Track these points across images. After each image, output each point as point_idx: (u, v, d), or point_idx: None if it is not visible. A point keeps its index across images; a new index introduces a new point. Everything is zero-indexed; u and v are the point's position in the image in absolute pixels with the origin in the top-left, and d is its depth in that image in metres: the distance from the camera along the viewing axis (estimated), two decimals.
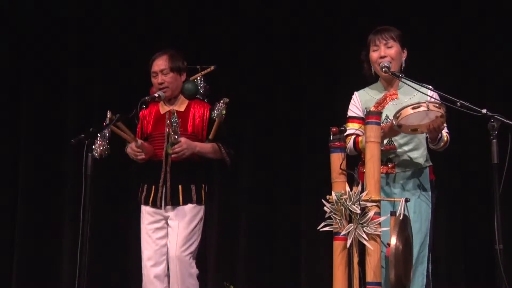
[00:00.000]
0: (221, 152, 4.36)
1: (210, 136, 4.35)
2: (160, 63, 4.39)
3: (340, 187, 3.54)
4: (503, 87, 5.50)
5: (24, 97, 6.08)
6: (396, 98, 3.87)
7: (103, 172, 5.08)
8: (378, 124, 3.57)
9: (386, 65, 3.79)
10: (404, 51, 3.91)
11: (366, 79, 3.96)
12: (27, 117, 6.04)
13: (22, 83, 6.09)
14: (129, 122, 4.33)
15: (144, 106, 4.27)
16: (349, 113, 3.95)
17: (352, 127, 3.86)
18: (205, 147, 4.34)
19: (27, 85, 6.07)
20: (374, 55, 3.87)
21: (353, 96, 3.97)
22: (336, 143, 3.59)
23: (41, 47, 6.06)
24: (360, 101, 3.92)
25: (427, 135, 3.75)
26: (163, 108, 4.46)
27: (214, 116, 4.32)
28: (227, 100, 4.32)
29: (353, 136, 3.82)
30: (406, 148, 3.85)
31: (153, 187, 4.34)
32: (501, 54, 5.53)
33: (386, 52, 3.83)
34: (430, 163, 3.90)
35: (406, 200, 3.52)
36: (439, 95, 3.75)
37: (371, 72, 3.91)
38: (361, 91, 3.97)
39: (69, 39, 6.09)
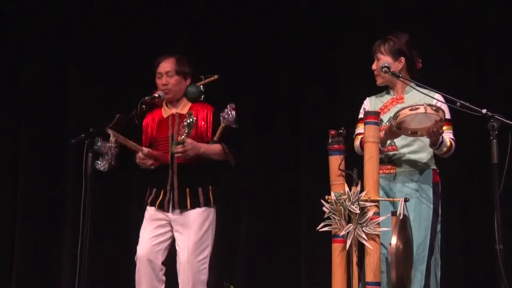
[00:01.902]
0: (226, 153, 4.36)
1: (215, 138, 4.35)
2: (166, 65, 4.40)
3: (339, 189, 3.54)
4: (503, 87, 5.50)
5: (24, 97, 6.07)
6: (402, 102, 3.91)
7: (103, 172, 5.08)
8: (377, 124, 3.59)
9: (386, 65, 3.85)
10: (401, 60, 3.94)
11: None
12: (27, 117, 6.04)
13: (22, 83, 6.09)
14: (130, 123, 4.33)
15: (144, 106, 4.27)
16: (360, 116, 4.05)
17: (361, 128, 3.92)
18: (210, 148, 4.33)
19: (27, 85, 6.07)
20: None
21: (364, 101, 4.09)
22: (335, 145, 3.60)
23: (41, 47, 6.06)
24: (369, 105, 4.03)
25: (428, 138, 3.77)
26: (166, 112, 4.46)
27: (222, 122, 4.30)
28: (233, 105, 4.31)
29: (360, 136, 3.89)
30: (407, 149, 3.88)
31: (162, 190, 4.34)
32: (501, 54, 5.52)
33: (376, 65, 4.00)
34: (434, 167, 3.93)
35: (406, 200, 3.54)
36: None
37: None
38: (372, 96, 4.09)
39: (69, 39, 6.09)
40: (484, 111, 3.51)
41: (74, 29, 6.10)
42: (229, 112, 4.28)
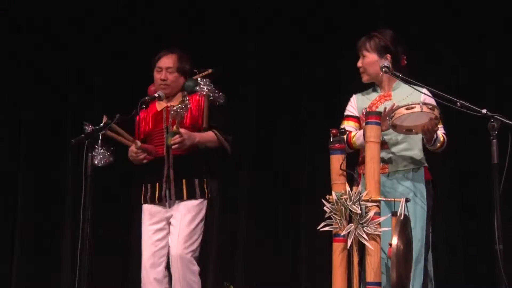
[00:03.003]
0: (219, 139, 4.36)
1: (204, 124, 4.34)
2: (168, 61, 4.42)
3: (340, 188, 3.54)
4: (503, 87, 5.50)
5: (24, 97, 6.08)
6: (389, 99, 3.92)
7: (103, 172, 5.08)
8: (378, 124, 3.59)
9: (386, 65, 3.85)
10: (387, 57, 3.95)
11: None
12: (27, 117, 6.04)
13: (22, 83, 6.09)
14: (130, 122, 4.33)
15: (144, 106, 4.28)
16: (346, 113, 4.08)
17: (347, 125, 3.97)
18: (205, 136, 4.33)
19: (27, 85, 6.07)
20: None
21: (351, 98, 4.09)
22: (336, 145, 3.60)
23: (41, 47, 6.06)
24: (356, 102, 4.04)
25: (423, 136, 3.78)
26: (160, 105, 4.47)
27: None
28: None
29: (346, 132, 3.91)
30: (399, 147, 3.89)
31: (157, 184, 4.34)
32: (501, 53, 5.53)
33: (361, 62, 4.02)
34: (425, 164, 3.93)
35: (407, 200, 3.54)
36: (439, 95, 3.77)
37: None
38: (359, 94, 4.09)
39: (69, 39, 6.09)
40: (484, 111, 3.52)
41: (74, 28, 6.10)
42: (209, 88, 4.29)
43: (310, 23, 5.86)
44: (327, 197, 3.54)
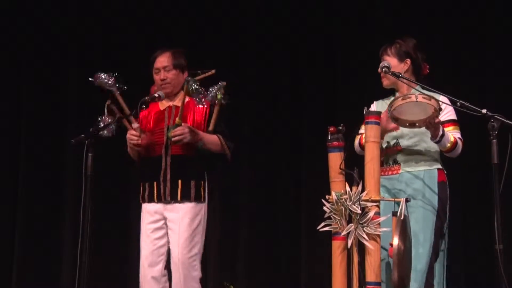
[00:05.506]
0: (222, 144, 4.34)
1: (210, 127, 4.31)
2: (163, 60, 4.40)
3: (338, 186, 3.54)
4: (503, 87, 5.50)
5: (24, 97, 6.08)
6: None
7: (103, 171, 5.08)
8: (378, 124, 3.59)
9: (386, 65, 3.86)
10: (406, 62, 3.96)
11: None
12: (27, 117, 6.04)
13: (22, 83, 6.09)
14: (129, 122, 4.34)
15: (144, 106, 4.27)
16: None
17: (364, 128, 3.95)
18: (208, 137, 4.29)
19: (27, 85, 6.07)
20: None
21: (371, 105, 4.10)
22: (334, 142, 3.61)
23: (41, 48, 6.06)
24: (375, 108, 4.05)
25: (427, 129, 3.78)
26: (163, 105, 4.46)
27: (209, 99, 4.26)
28: (224, 83, 4.27)
29: (359, 135, 3.92)
30: (412, 149, 3.89)
31: (155, 183, 4.32)
32: (501, 53, 5.53)
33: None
34: (440, 166, 3.93)
35: (407, 200, 3.54)
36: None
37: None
38: (380, 100, 4.11)
39: (69, 39, 6.09)
40: (484, 111, 3.52)
41: (74, 29, 6.10)
42: (214, 89, 4.26)
43: (310, 21, 5.86)
44: (327, 197, 3.54)
